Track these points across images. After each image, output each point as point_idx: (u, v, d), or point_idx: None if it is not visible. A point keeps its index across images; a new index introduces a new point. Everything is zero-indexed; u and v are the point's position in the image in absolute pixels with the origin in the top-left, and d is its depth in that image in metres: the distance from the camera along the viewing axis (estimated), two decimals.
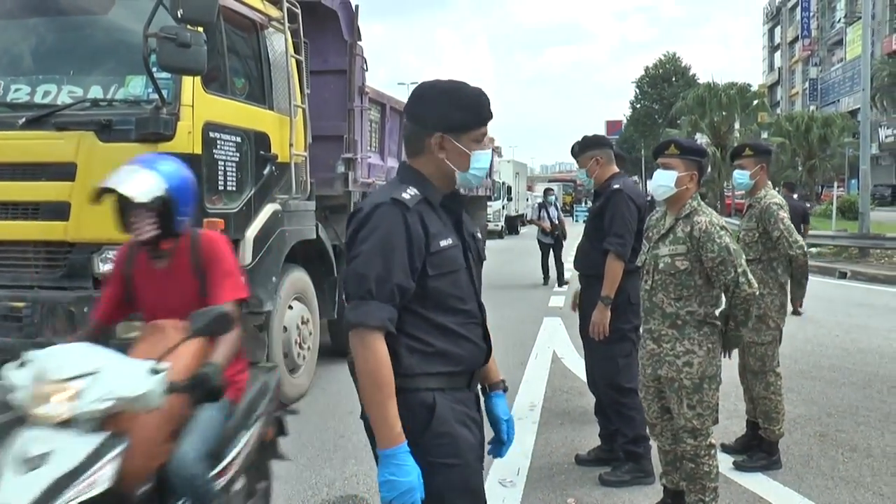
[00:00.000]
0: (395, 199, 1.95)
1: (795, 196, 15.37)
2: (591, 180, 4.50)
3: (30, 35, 4.83)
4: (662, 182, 3.40)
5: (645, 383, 3.56)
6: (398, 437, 1.88)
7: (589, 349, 4.61)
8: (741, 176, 4.50)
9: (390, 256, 1.91)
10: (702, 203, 3.42)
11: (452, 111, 2.02)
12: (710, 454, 3.39)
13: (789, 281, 4.45)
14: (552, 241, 13.25)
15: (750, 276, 3.25)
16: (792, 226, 4.40)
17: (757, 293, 3.28)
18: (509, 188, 31.13)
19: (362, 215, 1.96)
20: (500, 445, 2.24)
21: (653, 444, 3.85)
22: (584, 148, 4.50)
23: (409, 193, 1.98)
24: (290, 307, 5.70)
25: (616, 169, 4.51)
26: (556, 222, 13.23)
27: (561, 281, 13.06)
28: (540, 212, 13.54)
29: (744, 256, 3.31)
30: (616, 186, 4.31)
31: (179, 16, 3.96)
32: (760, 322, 4.33)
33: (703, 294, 3.32)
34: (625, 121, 70.16)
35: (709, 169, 3.76)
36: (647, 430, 3.81)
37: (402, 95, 11.42)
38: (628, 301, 4.21)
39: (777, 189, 4.62)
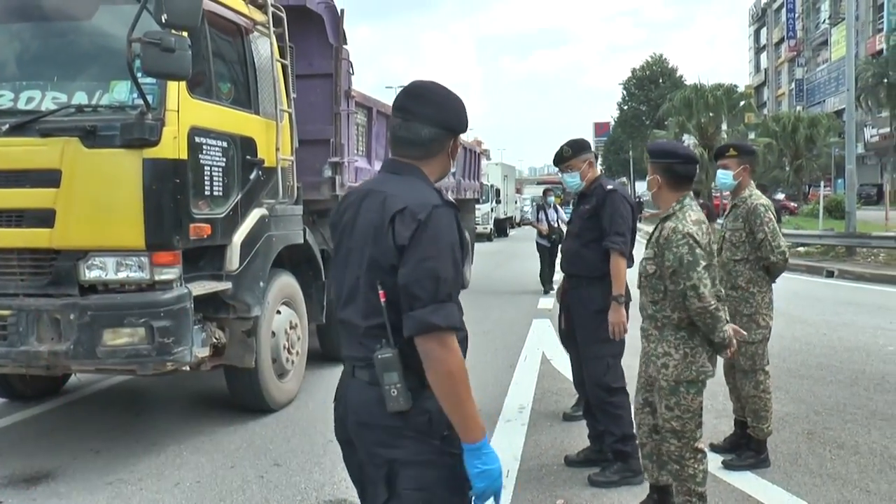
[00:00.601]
0: (448, 202, 2.02)
1: (782, 197, 15.46)
2: (582, 183, 4.49)
3: (13, 41, 4.79)
4: (645, 187, 3.53)
5: (640, 373, 3.64)
6: (483, 431, 1.97)
7: (575, 350, 4.63)
8: (724, 176, 4.50)
9: (456, 258, 1.98)
10: (686, 205, 3.37)
11: (464, 116, 2.15)
12: (697, 458, 3.37)
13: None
14: (549, 244, 12.45)
15: (701, 290, 3.17)
16: (777, 230, 4.38)
17: (710, 308, 3.19)
18: (497, 191, 31.17)
19: (422, 216, 1.93)
20: None
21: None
22: (579, 151, 4.50)
23: (446, 196, 2.06)
24: (279, 312, 5.68)
25: (598, 172, 4.62)
26: (556, 225, 12.47)
27: (550, 285, 12.93)
28: (538, 214, 12.76)
29: (699, 267, 3.19)
30: (610, 187, 4.40)
31: (163, 21, 3.94)
32: (751, 321, 4.35)
33: (675, 299, 3.29)
34: (612, 123, 70.47)
35: (697, 170, 3.74)
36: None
37: (390, 99, 11.44)
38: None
39: None
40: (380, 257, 1.96)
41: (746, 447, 4.48)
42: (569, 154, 4.49)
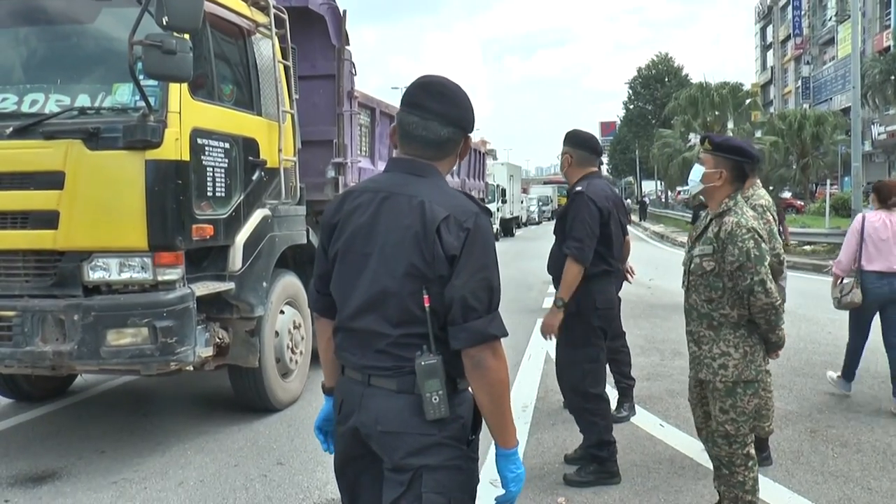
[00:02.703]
0: (483, 207, 2.01)
1: (789, 195, 15.38)
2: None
3: (16, 44, 4.82)
4: (693, 176, 3.43)
5: (690, 386, 3.52)
6: (516, 437, 2.04)
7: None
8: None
9: (497, 264, 2.00)
10: (740, 202, 3.30)
11: (474, 113, 2.10)
12: (747, 465, 3.29)
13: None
14: None
15: (769, 285, 3.11)
16: (774, 232, 4.29)
17: (776, 303, 3.13)
18: (503, 191, 31.18)
19: (469, 225, 1.91)
20: None
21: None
22: (563, 142, 4.39)
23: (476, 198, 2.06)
24: (282, 312, 5.71)
25: (590, 170, 4.35)
26: None
27: None
28: None
29: (766, 262, 3.14)
30: (579, 188, 4.18)
31: (165, 23, 3.96)
32: None
33: (735, 296, 3.20)
34: (618, 122, 70.35)
35: None
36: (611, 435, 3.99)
37: (396, 100, 11.45)
38: (594, 306, 4.17)
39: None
40: (423, 266, 1.91)
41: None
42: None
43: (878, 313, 5.78)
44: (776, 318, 3.18)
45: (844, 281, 5.73)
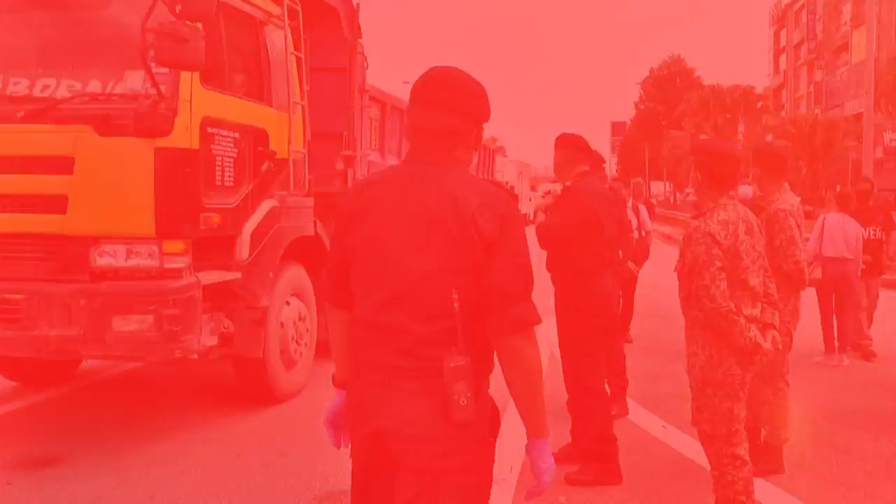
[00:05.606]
0: (512, 194, 1.99)
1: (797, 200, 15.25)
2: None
3: (30, 29, 4.83)
4: None
5: None
6: (548, 427, 1.98)
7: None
8: None
9: None
10: (720, 205, 3.25)
11: (485, 104, 2.04)
12: (735, 464, 3.26)
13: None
14: None
15: (713, 291, 3.10)
16: (794, 238, 4.19)
17: (721, 311, 3.10)
18: (512, 188, 31.15)
19: (503, 210, 1.88)
20: None
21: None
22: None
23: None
24: (288, 303, 5.71)
25: (580, 169, 4.42)
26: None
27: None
28: None
29: (713, 269, 3.11)
30: (567, 184, 4.37)
31: (178, 11, 3.97)
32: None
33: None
34: (629, 122, 70.17)
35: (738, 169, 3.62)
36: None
37: (406, 94, 11.44)
38: (594, 302, 4.25)
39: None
40: (456, 257, 1.85)
41: (762, 454, 4.39)
42: None
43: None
44: (725, 325, 3.13)
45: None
